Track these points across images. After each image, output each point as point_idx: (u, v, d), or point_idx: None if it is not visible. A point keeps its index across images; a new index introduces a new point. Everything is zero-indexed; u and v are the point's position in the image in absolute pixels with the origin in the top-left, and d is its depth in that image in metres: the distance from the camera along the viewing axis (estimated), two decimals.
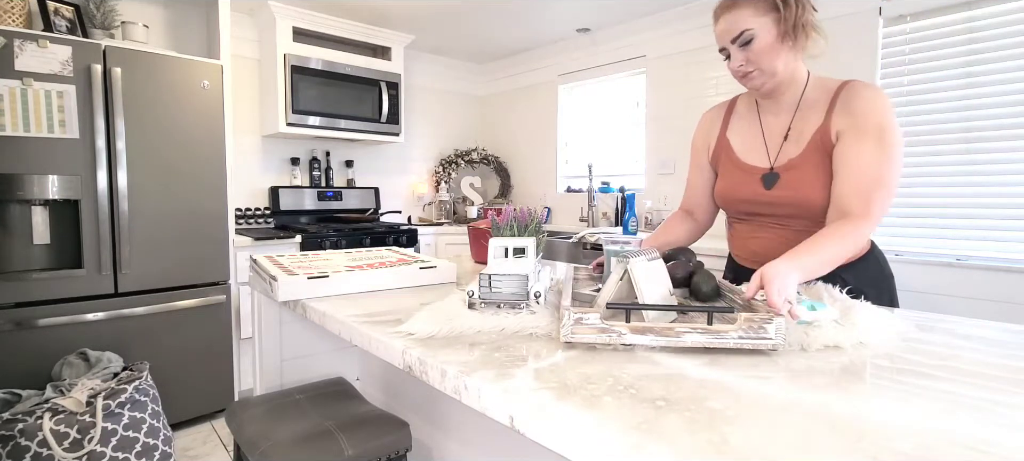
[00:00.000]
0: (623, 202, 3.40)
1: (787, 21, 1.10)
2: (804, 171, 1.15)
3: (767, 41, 1.12)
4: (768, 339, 0.76)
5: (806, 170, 1.15)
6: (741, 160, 1.27)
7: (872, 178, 1.06)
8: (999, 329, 0.93)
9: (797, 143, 1.18)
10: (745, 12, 1.12)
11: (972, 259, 2.22)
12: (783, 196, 1.18)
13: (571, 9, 3.20)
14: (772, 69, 1.14)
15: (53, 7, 2.41)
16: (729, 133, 1.32)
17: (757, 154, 1.25)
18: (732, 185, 1.28)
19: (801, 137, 1.17)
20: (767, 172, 1.21)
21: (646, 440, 0.52)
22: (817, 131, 1.14)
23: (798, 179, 1.16)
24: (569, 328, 0.81)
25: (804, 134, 1.17)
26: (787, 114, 1.21)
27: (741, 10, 1.12)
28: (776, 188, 1.19)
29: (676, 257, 1.19)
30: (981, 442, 0.52)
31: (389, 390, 1.59)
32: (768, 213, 1.23)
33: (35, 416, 1.72)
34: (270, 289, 1.24)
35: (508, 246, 1.12)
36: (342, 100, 3.38)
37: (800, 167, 1.16)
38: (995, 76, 2.19)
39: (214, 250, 2.55)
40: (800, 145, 1.17)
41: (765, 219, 1.25)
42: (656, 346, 0.81)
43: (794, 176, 1.17)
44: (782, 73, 1.15)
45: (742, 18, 1.12)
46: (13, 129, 2.05)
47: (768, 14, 1.11)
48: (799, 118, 1.18)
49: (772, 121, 1.23)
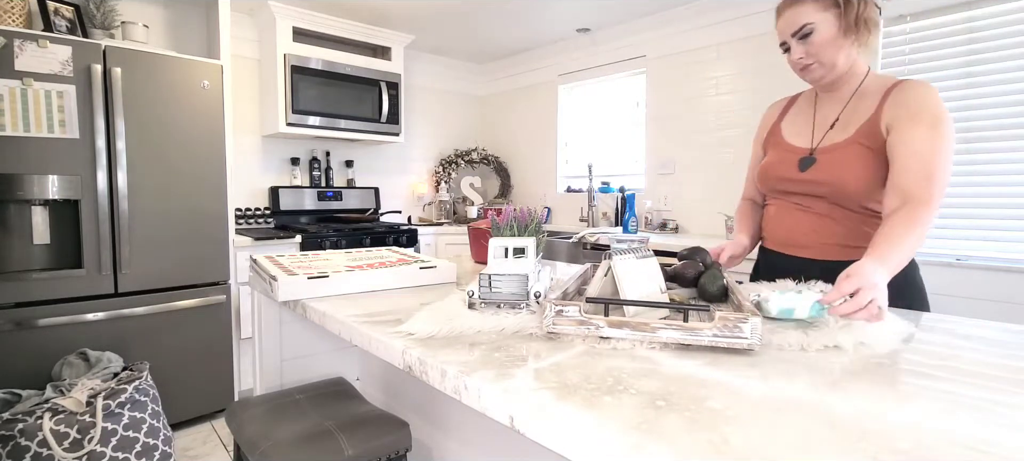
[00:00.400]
0: (623, 202, 3.40)
1: (848, 16, 1.12)
2: (843, 156, 1.17)
3: (827, 35, 1.14)
4: (743, 338, 0.76)
5: (845, 156, 1.16)
6: (785, 141, 1.31)
7: (929, 162, 1.06)
8: (999, 329, 0.93)
9: (843, 131, 1.19)
10: (808, 7, 1.15)
11: (972, 259, 2.22)
12: (816, 177, 1.20)
13: (571, 9, 3.20)
14: (832, 62, 1.17)
15: (53, 7, 2.41)
16: (784, 121, 1.36)
17: (802, 138, 1.28)
18: (770, 163, 1.32)
19: (848, 126, 1.19)
20: (806, 155, 1.24)
21: (646, 440, 0.52)
22: (866, 121, 1.16)
23: (835, 162, 1.18)
24: (550, 320, 0.83)
25: (852, 123, 1.18)
26: (842, 105, 1.23)
27: (804, 5, 1.15)
28: (811, 171, 1.21)
29: (690, 257, 1.19)
30: (981, 442, 0.52)
31: (389, 390, 1.59)
32: (799, 192, 1.25)
33: (35, 416, 1.72)
34: (270, 289, 1.24)
35: (508, 246, 1.12)
36: (342, 100, 3.38)
37: (839, 152, 1.18)
38: (995, 76, 2.19)
39: (214, 250, 2.55)
40: (846, 133, 1.19)
41: (795, 198, 1.27)
42: (655, 345, 0.81)
43: (831, 159, 1.18)
44: (842, 66, 1.18)
45: (804, 12, 1.15)
46: (13, 129, 2.05)
47: (830, 9, 1.13)
48: (850, 109, 1.21)
49: (826, 111, 1.26)
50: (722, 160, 3.07)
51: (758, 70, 2.88)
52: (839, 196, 1.18)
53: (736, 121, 2.99)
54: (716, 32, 3.05)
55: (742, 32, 2.93)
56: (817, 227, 1.22)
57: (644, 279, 0.96)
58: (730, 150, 3.03)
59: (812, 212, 1.24)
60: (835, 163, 1.18)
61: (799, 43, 1.17)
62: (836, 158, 1.18)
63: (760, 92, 2.87)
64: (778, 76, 2.79)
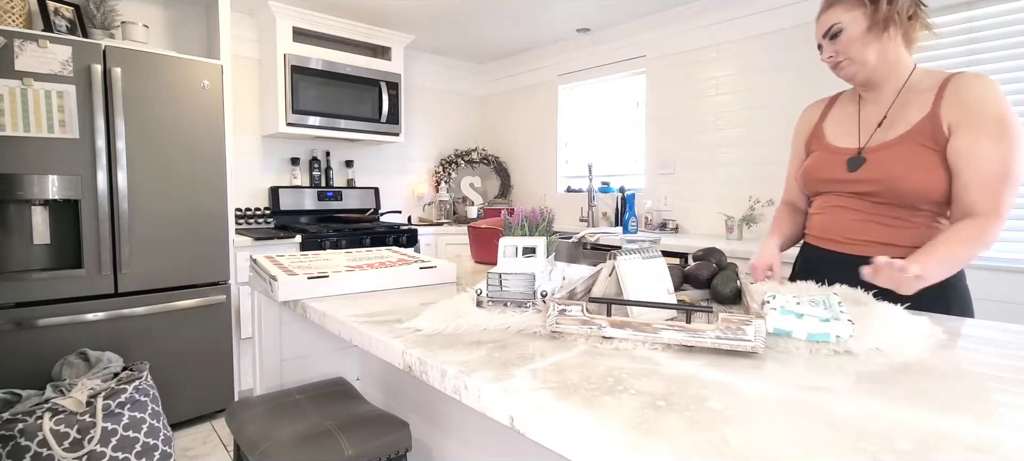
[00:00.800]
0: (623, 202, 3.40)
1: (876, 14, 1.14)
2: (896, 154, 1.14)
3: (855, 33, 1.16)
4: (746, 341, 0.75)
5: (899, 154, 1.13)
6: (830, 143, 1.29)
7: (998, 173, 1.03)
8: (999, 329, 0.93)
9: (892, 129, 1.17)
10: (837, 9, 1.18)
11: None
12: (867, 177, 1.17)
13: (571, 9, 3.20)
14: (862, 59, 1.17)
15: (53, 7, 2.41)
16: (826, 122, 1.34)
17: (849, 138, 1.26)
18: (815, 164, 1.29)
19: (897, 124, 1.16)
20: (854, 155, 1.22)
21: (646, 440, 0.52)
22: (925, 119, 1.12)
23: (887, 161, 1.15)
24: (553, 319, 0.84)
25: (902, 121, 1.16)
26: (887, 104, 1.21)
27: (834, 8, 1.19)
28: (861, 170, 1.19)
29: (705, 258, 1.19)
30: (981, 442, 0.52)
31: (389, 390, 1.59)
32: (846, 192, 1.23)
33: (35, 416, 1.72)
34: (270, 289, 1.24)
35: (519, 245, 1.13)
36: (342, 100, 3.38)
37: (892, 150, 1.15)
38: (995, 76, 2.18)
39: (214, 250, 2.55)
40: (896, 131, 1.16)
41: (842, 197, 1.24)
42: (656, 345, 0.81)
43: (882, 157, 1.16)
44: (874, 63, 1.17)
45: (833, 14, 1.19)
46: (13, 129, 2.05)
47: (857, 8, 1.15)
48: (898, 106, 1.18)
49: (871, 110, 1.24)
50: (722, 160, 3.07)
51: (758, 70, 2.88)
52: (891, 195, 1.14)
53: (736, 121, 2.99)
54: (716, 32, 3.05)
55: (742, 32, 2.93)
56: (865, 216, 1.20)
57: (650, 279, 0.96)
58: (730, 150, 3.03)
59: (858, 211, 1.21)
60: (885, 162, 1.15)
61: (830, 42, 1.20)
62: (886, 157, 1.15)
63: (760, 92, 2.87)
64: (778, 76, 2.80)
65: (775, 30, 2.80)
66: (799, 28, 2.71)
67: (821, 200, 1.31)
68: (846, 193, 1.23)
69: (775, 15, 2.79)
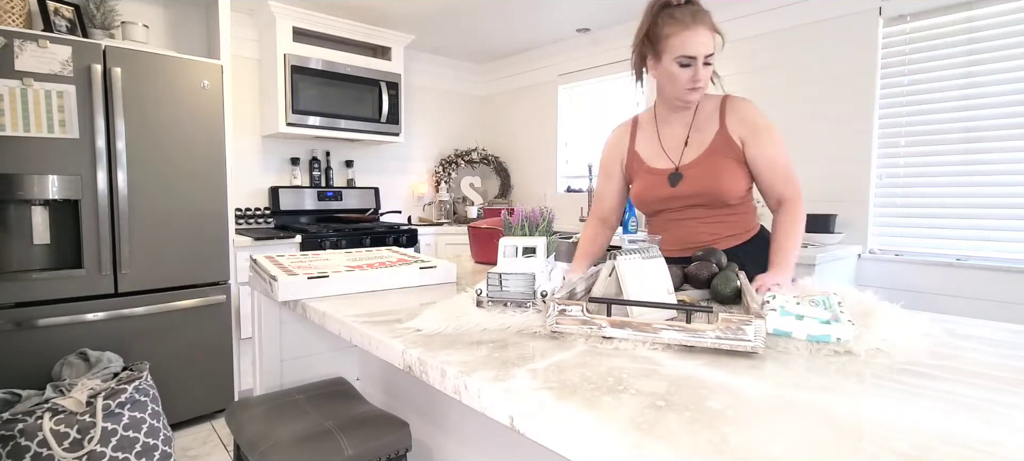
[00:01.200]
0: None
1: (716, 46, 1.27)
2: (706, 168, 1.34)
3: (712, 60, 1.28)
4: (746, 341, 0.76)
5: (708, 167, 1.34)
6: (649, 166, 1.44)
7: (786, 166, 1.32)
8: (999, 329, 0.93)
9: (697, 147, 1.37)
10: (707, 32, 1.24)
11: (972, 259, 2.22)
12: (687, 189, 1.37)
13: (571, 9, 3.20)
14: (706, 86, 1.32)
15: (53, 7, 2.41)
16: (637, 146, 1.49)
17: (661, 159, 1.43)
18: (645, 187, 1.44)
19: (701, 142, 1.37)
20: (672, 172, 1.40)
21: (646, 440, 0.52)
22: (718, 135, 1.35)
23: (700, 174, 1.35)
24: (553, 319, 0.84)
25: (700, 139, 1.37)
26: (682, 125, 1.40)
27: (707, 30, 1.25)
28: (681, 185, 1.38)
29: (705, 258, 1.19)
30: (981, 442, 0.52)
31: (389, 390, 1.59)
32: (675, 207, 1.42)
33: (35, 416, 1.72)
34: (270, 289, 1.24)
35: (519, 245, 1.13)
36: (342, 100, 3.38)
37: (702, 164, 1.35)
38: (995, 76, 2.19)
39: (214, 250, 2.55)
40: (701, 148, 1.36)
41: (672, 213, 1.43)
42: (656, 345, 0.81)
43: (696, 172, 1.36)
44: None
45: (710, 38, 1.25)
46: (13, 129, 2.05)
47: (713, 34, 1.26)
48: (695, 128, 1.38)
49: (669, 131, 1.42)
50: None
51: (758, 70, 2.88)
52: (710, 199, 1.35)
53: None
54: None
55: (741, 32, 2.93)
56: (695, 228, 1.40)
57: (650, 280, 0.96)
58: None
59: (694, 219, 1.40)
60: (699, 176, 1.35)
61: (705, 67, 1.26)
62: (699, 172, 1.35)
63: (759, 92, 2.87)
64: (778, 76, 2.80)
65: (775, 30, 2.80)
66: (799, 28, 2.71)
67: (658, 220, 1.47)
68: (677, 208, 1.41)
69: (775, 15, 2.79)
